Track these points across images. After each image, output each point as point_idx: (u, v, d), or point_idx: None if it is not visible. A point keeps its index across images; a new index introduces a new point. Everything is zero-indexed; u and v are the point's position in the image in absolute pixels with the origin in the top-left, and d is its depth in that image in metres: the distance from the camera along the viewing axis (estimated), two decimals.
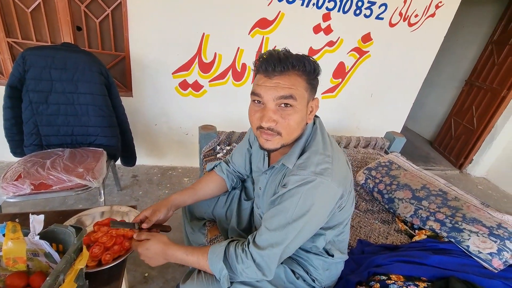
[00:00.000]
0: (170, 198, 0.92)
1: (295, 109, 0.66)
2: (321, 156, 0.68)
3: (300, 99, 0.66)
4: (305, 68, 0.65)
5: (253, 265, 0.67)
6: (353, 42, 2.13)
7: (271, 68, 0.64)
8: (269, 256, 0.67)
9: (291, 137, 0.70)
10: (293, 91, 0.64)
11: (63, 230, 0.71)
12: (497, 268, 0.98)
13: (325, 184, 0.65)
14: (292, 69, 0.64)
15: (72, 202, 1.80)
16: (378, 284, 0.91)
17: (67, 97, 1.46)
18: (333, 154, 0.70)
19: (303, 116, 0.68)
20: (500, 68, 2.82)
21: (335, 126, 2.52)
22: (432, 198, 1.28)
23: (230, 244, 0.72)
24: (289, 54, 0.66)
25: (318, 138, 0.72)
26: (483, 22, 3.21)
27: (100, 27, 1.80)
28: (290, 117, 0.66)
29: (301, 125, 0.70)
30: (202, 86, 2.05)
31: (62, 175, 1.25)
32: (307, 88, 0.67)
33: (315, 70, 0.67)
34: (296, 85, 0.65)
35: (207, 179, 1.03)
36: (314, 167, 0.66)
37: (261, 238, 0.68)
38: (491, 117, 2.87)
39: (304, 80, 0.66)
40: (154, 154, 2.28)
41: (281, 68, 0.63)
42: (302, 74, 0.65)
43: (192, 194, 0.97)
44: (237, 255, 0.69)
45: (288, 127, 0.67)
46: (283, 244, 0.67)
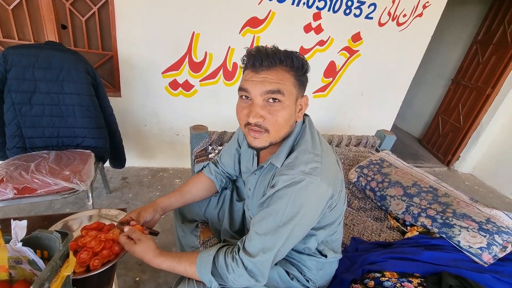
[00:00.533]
0: (156, 201, 0.90)
1: (283, 105, 0.64)
2: (310, 155, 0.67)
3: (288, 94, 0.64)
4: (293, 64, 0.64)
5: (245, 273, 0.65)
6: (344, 41, 2.15)
7: (259, 63, 0.63)
8: (261, 263, 0.65)
9: (279, 134, 0.68)
10: (281, 86, 0.63)
11: (47, 235, 0.67)
12: (487, 262, 0.99)
13: (315, 184, 0.63)
14: (280, 64, 0.63)
15: (58, 206, 1.74)
16: (373, 281, 0.91)
17: (52, 97, 1.41)
18: (323, 153, 0.69)
19: (291, 113, 0.67)
20: (485, 67, 2.90)
21: (327, 125, 2.54)
22: (423, 195, 1.29)
23: (219, 252, 0.69)
24: (277, 50, 0.65)
25: (307, 137, 0.71)
26: (468, 22, 3.30)
27: (86, 25, 1.75)
28: (278, 113, 0.64)
29: (289, 122, 0.68)
30: (193, 85, 2.02)
31: (47, 179, 1.21)
32: (295, 84, 0.66)
33: (303, 66, 0.66)
34: (284, 80, 0.63)
35: (194, 181, 1.00)
36: (303, 166, 0.64)
37: (251, 244, 0.66)
38: (476, 115, 2.95)
39: (292, 76, 0.65)
40: (145, 156, 2.23)
41: (268, 62, 0.62)
42: (290, 70, 0.64)
43: (179, 197, 0.95)
44: (227, 265, 0.67)
45: (276, 123, 0.65)
46: (274, 249, 0.65)
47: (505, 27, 2.72)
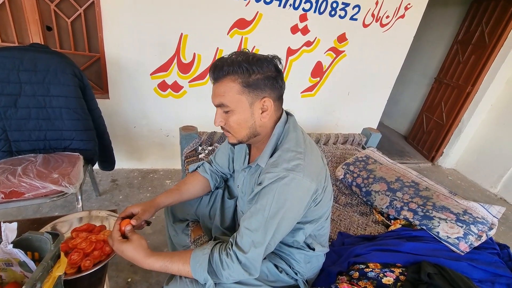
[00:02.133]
0: (157, 200, 0.91)
1: (233, 112, 0.71)
2: (293, 153, 0.71)
3: (234, 103, 0.70)
4: (237, 71, 0.68)
5: (240, 267, 0.68)
6: (330, 42, 2.20)
7: (212, 77, 0.72)
8: (253, 257, 0.68)
9: (240, 135, 0.75)
10: (223, 99, 0.70)
11: (38, 237, 0.68)
12: (463, 251, 1.06)
13: (298, 180, 0.67)
14: (226, 75, 0.69)
15: (47, 210, 1.72)
16: (357, 272, 0.96)
17: (38, 100, 1.40)
18: (306, 151, 0.73)
19: (245, 117, 0.72)
20: (465, 66, 3.02)
21: (315, 124, 2.59)
22: (405, 189, 1.35)
23: (214, 249, 0.71)
24: (227, 60, 0.69)
25: (290, 136, 0.75)
26: (449, 23, 3.43)
27: (72, 27, 1.73)
28: (230, 119, 0.73)
29: (245, 125, 0.73)
30: (182, 86, 2.03)
31: (35, 182, 1.20)
32: (242, 91, 0.69)
33: (248, 69, 0.68)
34: (227, 92, 0.69)
35: (191, 180, 1.02)
36: (286, 163, 0.69)
37: (243, 241, 0.69)
38: (458, 112, 3.07)
39: (239, 84, 0.68)
40: (134, 157, 2.23)
41: (216, 76, 0.70)
42: (237, 78, 0.68)
43: (178, 195, 0.97)
44: (222, 261, 0.69)
45: (231, 128, 0.74)
46: (264, 243, 0.69)
47: (483, 28, 2.84)
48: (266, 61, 0.70)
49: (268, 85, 0.71)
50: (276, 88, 0.72)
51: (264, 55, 0.72)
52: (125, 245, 0.73)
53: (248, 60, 0.68)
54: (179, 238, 1.15)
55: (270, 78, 0.70)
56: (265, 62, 0.69)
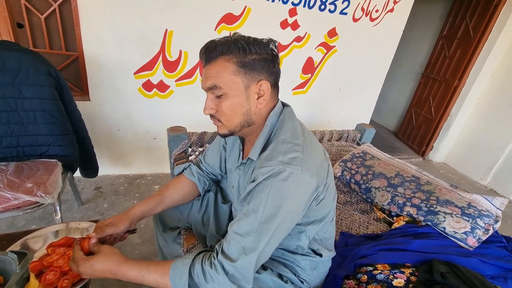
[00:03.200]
0: (132, 211, 0.81)
1: (226, 96, 0.65)
2: (289, 144, 0.64)
3: (227, 85, 0.63)
4: (232, 50, 0.62)
5: (226, 279, 0.57)
6: (320, 37, 2.15)
7: (203, 58, 0.66)
8: (243, 267, 0.58)
9: (233, 124, 0.68)
10: (216, 80, 0.64)
11: (1, 258, 0.58)
12: (472, 246, 1.01)
13: (295, 175, 0.59)
14: (220, 55, 0.63)
15: (23, 223, 1.57)
16: (366, 275, 0.89)
17: (9, 103, 1.27)
18: (304, 143, 0.65)
19: (240, 101, 0.65)
20: (451, 60, 3.06)
21: (308, 121, 2.54)
22: (406, 184, 1.31)
23: (196, 259, 0.61)
24: (221, 40, 0.64)
25: (286, 127, 0.68)
26: (434, 19, 3.47)
27: (46, 24, 1.60)
28: (222, 104, 0.66)
29: (239, 111, 0.66)
30: (169, 86, 1.93)
31: (5, 193, 1.07)
32: (237, 71, 0.63)
33: (244, 48, 0.62)
34: (220, 72, 0.63)
35: (175, 184, 0.92)
36: (282, 156, 0.61)
37: (230, 247, 0.59)
38: (446, 106, 3.10)
39: (234, 63, 0.62)
40: (119, 163, 2.10)
41: (208, 57, 0.65)
42: (232, 58, 0.63)
43: (159, 202, 0.86)
44: (205, 273, 0.59)
45: (223, 114, 0.67)
46: (257, 249, 0.59)
47: (467, 22, 2.89)
48: (262, 43, 0.65)
49: (265, 67, 0.65)
50: (273, 72, 0.67)
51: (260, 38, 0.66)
52: (93, 259, 0.62)
53: (244, 38, 0.63)
54: (170, 248, 1.06)
55: (267, 61, 0.65)
56: (261, 44, 0.64)
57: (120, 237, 0.79)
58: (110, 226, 0.75)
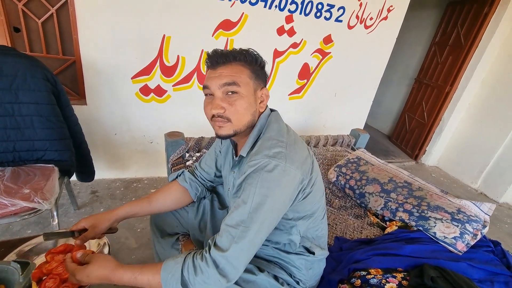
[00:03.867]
0: (115, 211, 0.85)
1: (240, 95, 0.70)
2: (274, 140, 0.70)
3: (244, 85, 0.70)
4: (247, 58, 0.71)
5: (216, 272, 0.60)
6: (316, 43, 2.19)
7: (215, 61, 0.71)
8: (235, 256, 0.61)
9: (242, 122, 0.72)
10: (236, 78, 0.69)
11: (4, 267, 0.59)
12: (461, 250, 1.05)
13: (280, 167, 0.65)
14: (234, 60, 0.70)
15: (18, 228, 1.57)
16: (359, 280, 0.92)
17: (5, 108, 1.27)
18: (288, 141, 0.72)
19: (250, 102, 0.72)
20: (443, 66, 3.13)
21: (303, 126, 2.57)
22: (399, 190, 1.34)
23: (188, 257, 0.64)
24: (233, 50, 0.72)
25: (272, 127, 0.75)
26: (426, 25, 3.55)
27: (44, 28, 1.60)
28: (237, 102, 0.70)
29: (249, 111, 0.72)
30: (166, 90, 1.94)
31: (2, 199, 1.07)
32: (251, 76, 0.71)
33: (257, 59, 0.73)
34: (239, 73, 0.70)
35: (165, 190, 0.95)
36: (267, 150, 0.67)
37: (222, 239, 0.62)
38: (438, 111, 3.16)
39: (248, 69, 0.71)
40: (116, 166, 2.10)
41: (223, 60, 0.70)
42: (245, 64, 0.71)
43: (146, 205, 0.90)
44: (195, 266, 0.61)
45: (236, 112, 0.70)
46: (246, 238, 0.62)
47: (459, 30, 2.96)
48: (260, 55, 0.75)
49: (263, 77, 0.76)
50: (266, 82, 0.78)
51: None
52: (88, 268, 0.65)
53: (250, 50, 0.73)
54: (167, 254, 1.07)
55: (264, 70, 0.76)
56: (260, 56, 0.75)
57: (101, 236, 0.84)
58: (91, 230, 0.79)
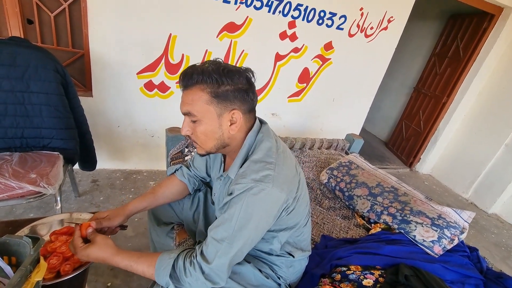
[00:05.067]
0: (128, 207, 0.90)
1: (200, 122, 0.70)
2: (262, 163, 0.71)
3: (201, 113, 0.69)
4: (207, 80, 0.66)
5: (202, 277, 0.67)
6: (317, 49, 2.26)
7: (181, 84, 0.70)
8: (217, 267, 0.67)
9: (208, 146, 0.74)
10: (190, 108, 0.69)
11: (17, 241, 0.66)
12: (437, 253, 1.12)
13: (266, 191, 0.67)
14: (195, 83, 0.68)
15: (21, 211, 1.64)
16: (339, 275, 0.99)
17: (17, 96, 1.33)
18: (277, 161, 0.72)
19: (212, 128, 0.70)
20: (441, 77, 3.20)
21: (301, 128, 2.64)
22: (385, 194, 1.41)
23: (180, 256, 0.71)
24: (197, 68, 0.67)
25: (261, 146, 0.74)
26: (427, 36, 3.61)
27: (56, 21, 1.67)
28: (197, 129, 0.71)
29: (213, 136, 0.72)
30: (169, 87, 2.01)
31: (10, 182, 1.14)
32: (210, 101, 0.68)
33: (217, 81, 0.66)
34: (195, 100, 0.68)
35: (167, 184, 1.01)
36: (255, 174, 0.68)
37: (208, 250, 0.68)
38: (434, 121, 3.23)
39: (207, 93, 0.67)
40: (117, 158, 2.17)
41: (185, 83, 0.69)
42: (206, 87, 0.67)
43: (152, 199, 0.96)
44: (185, 268, 0.68)
45: (198, 138, 0.73)
46: (230, 253, 0.68)
47: (458, 43, 3.03)
48: (237, 73, 0.69)
49: (238, 97, 0.70)
50: (246, 101, 0.72)
51: (237, 67, 0.72)
52: (89, 248, 0.72)
53: (218, 70, 0.67)
54: (162, 242, 1.13)
55: (241, 91, 0.70)
56: (236, 74, 0.69)
57: (112, 230, 0.88)
58: (106, 220, 0.84)
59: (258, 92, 2.21)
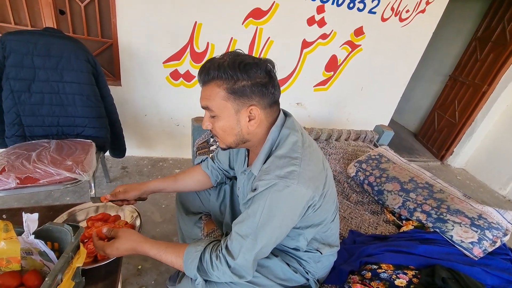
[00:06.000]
0: (145, 183, 0.95)
1: (218, 118, 0.70)
2: (286, 159, 0.68)
3: (219, 109, 0.68)
4: (222, 76, 0.65)
5: (228, 271, 0.67)
6: (346, 35, 2.14)
7: (200, 79, 0.69)
8: (242, 263, 0.67)
9: (227, 141, 0.74)
10: (208, 102, 0.68)
11: (58, 228, 0.69)
12: (477, 256, 1.05)
13: (291, 188, 0.64)
14: (212, 80, 0.66)
15: (58, 195, 1.74)
16: (370, 273, 0.95)
17: (52, 86, 1.39)
18: (303, 156, 0.69)
19: (231, 124, 0.69)
20: (482, 64, 2.93)
21: (326, 119, 2.56)
22: (419, 191, 1.33)
23: (206, 249, 0.71)
24: (214, 63, 0.65)
25: (287, 141, 0.71)
26: (468, 19, 3.30)
27: (86, 11, 1.70)
28: (216, 124, 0.71)
29: (231, 132, 0.71)
30: (194, 76, 2.00)
31: (49, 168, 1.21)
32: (227, 97, 0.66)
33: (233, 77, 0.64)
34: (213, 96, 0.67)
35: (190, 172, 1.04)
36: (279, 170, 0.66)
37: (232, 245, 0.68)
38: (472, 111, 2.99)
39: (224, 90, 0.65)
40: (144, 145, 2.23)
41: (203, 78, 0.68)
42: (222, 84, 0.65)
43: (172, 183, 0.99)
44: (212, 262, 0.69)
45: (217, 133, 0.73)
46: (254, 250, 0.67)
47: (504, 25, 2.73)
48: (255, 66, 0.65)
49: (256, 92, 0.66)
50: (266, 95, 0.68)
51: (256, 59, 0.67)
52: (116, 243, 0.75)
53: (234, 65, 0.64)
54: (190, 231, 1.16)
55: (259, 85, 0.66)
56: (253, 68, 0.65)
57: (129, 202, 0.94)
58: (122, 192, 0.91)
59: (283, 81, 2.18)
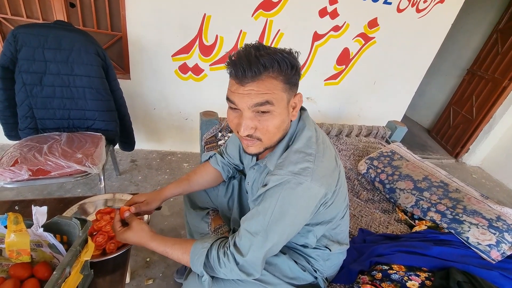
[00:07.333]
0: (164, 192, 0.92)
1: (273, 114, 0.61)
2: (301, 154, 0.65)
3: (278, 102, 0.61)
4: (280, 68, 0.58)
5: (236, 268, 0.65)
6: (359, 27, 2.06)
7: (241, 73, 0.57)
8: (251, 261, 0.65)
9: (272, 141, 0.67)
10: (269, 96, 0.59)
11: (67, 222, 0.69)
12: (495, 259, 1.00)
13: (304, 185, 0.62)
14: (265, 71, 0.58)
15: (70, 186, 1.78)
16: (380, 273, 0.93)
17: (63, 79, 1.40)
18: (317, 152, 0.66)
19: (283, 118, 0.64)
20: (504, 57, 2.79)
21: (337, 114, 2.50)
22: (433, 190, 1.29)
23: (213, 245, 0.69)
24: (260, 53, 0.57)
25: (302, 135, 0.68)
26: (489, 9, 3.13)
27: (95, 4, 1.70)
28: (268, 122, 0.62)
29: (282, 128, 0.66)
30: (203, 70, 1.98)
31: (60, 161, 1.22)
32: (285, 89, 0.61)
33: (293, 67, 0.60)
34: (272, 89, 0.59)
35: (202, 171, 1.01)
36: (293, 166, 0.63)
37: (241, 242, 0.66)
38: (490, 107, 2.87)
39: (281, 81, 0.60)
40: (153, 139, 2.24)
41: (252, 73, 0.57)
42: (278, 75, 0.59)
43: (187, 186, 0.97)
44: (219, 259, 0.67)
45: (267, 132, 0.64)
46: (264, 247, 0.65)
47: None
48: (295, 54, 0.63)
49: (297, 80, 0.64)
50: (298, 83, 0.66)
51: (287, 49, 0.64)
52: (127, 233, 0.76)
53: (288, 53, 0.60)
54: (197, 226, 1.16)
55: (299, 73, 0.64)
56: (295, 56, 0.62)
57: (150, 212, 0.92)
58: (144, 204, 0.87)
59: None
